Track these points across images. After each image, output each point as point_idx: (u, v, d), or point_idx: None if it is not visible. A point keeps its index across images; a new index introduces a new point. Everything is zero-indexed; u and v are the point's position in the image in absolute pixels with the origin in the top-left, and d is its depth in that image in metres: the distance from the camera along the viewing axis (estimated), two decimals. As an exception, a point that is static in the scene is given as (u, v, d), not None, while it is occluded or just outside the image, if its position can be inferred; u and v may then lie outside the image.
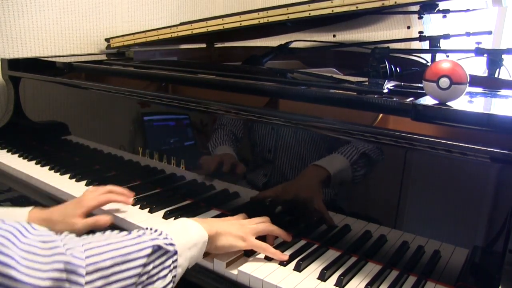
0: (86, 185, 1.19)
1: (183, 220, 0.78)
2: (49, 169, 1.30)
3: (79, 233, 0.87)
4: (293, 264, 0.81)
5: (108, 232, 0.68)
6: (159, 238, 0.68)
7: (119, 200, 1.00)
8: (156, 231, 0.70)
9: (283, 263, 0.81)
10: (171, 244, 0.69)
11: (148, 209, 1.03)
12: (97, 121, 1.40)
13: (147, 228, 0.71)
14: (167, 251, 0.67)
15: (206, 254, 0.81)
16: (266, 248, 0.83)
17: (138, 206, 1.05)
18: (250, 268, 0.80)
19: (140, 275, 0.63)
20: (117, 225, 1.01)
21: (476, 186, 0.73)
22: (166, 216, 1.00)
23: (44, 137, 1.56)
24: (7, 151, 1.46)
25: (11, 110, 1.59)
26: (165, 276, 0.67)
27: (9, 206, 1.39)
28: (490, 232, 0.72)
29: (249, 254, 0.85)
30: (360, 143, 0.83)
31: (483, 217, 0.73)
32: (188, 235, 0.74)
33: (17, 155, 1.42)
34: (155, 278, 0.65)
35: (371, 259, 0.84)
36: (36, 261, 0.54)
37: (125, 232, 0.67)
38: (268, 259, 0.83)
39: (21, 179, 1.30)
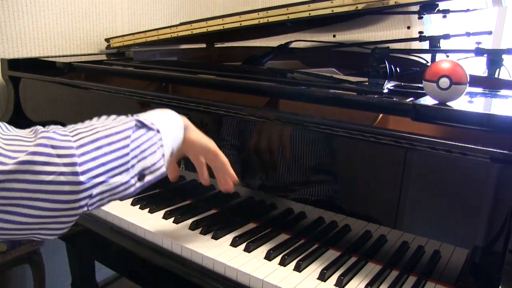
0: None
1: (157, 109, 0.78)
2: (49, 169, 1.30)
3: None
4: (293, 264, 0.81)
5: (88, 120, 0.67)
6: (139, 118, 0.68)
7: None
8: (132, 116, 0.70)
9: (283, 263, 0.81)
10: (152, 124, 0.69)
11: (148, 209, 1.03)
12: (97, 121, 1.40)
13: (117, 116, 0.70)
14: (151, 128, 0.68)
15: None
16: (227, 162, 0.86)
17: (138, 206, 1.05)
18: (250, 268, 0.80)
19: (131, 148, 0.64)
20: (117, 225, 1.01)
21: (476, 186, 0.73)
22: (166, 216, 1.00)
23: (44, 137, 1.56)
24: (7, 151, 1.46)
25: (11, 110, 1.59)
26: (155, 152, 0.68)
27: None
28: (490, 232, 0.72)
29: (250, 250, 0.85)
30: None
31: (483, 217, 0.73)
32: (163, 117, 0.75)
33: (17, 155, 1.42)
34: (147, 153, 0.66)
35: (371, 259, 0.84)
36: (20, 145, 0.54)
37: (101, 117, 0.68)
38: (267, 259, 0.83)
39: (21, 179, 1.29)
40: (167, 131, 0.73)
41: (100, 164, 0.59)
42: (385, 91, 0.92)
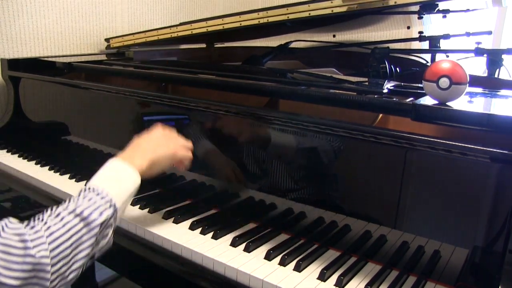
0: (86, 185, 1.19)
1: (120, 168, 0.82)
2: (49, 169, 1.30)
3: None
4: (293, 264, 0.81)
5: (61, 210, 0.71)
6: (104, 206, 0.73)
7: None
8: (98, 194, 0.74)
9: (283, 263, 0.81)
10: (113, 206, 0.75)
11: (148, 209, 1.03)
12: (97, 121, 1.40)
13: (89, 190, 0.75)
14: (111, 217, 0.74)
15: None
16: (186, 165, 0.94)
17: (138, 206, 1.05)
18: (250, 268, 0.80)
19: (92, 247, 0.72)
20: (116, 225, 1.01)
21: (476, 186, 0.73)
22: (166, 216, 1.00)
23: (44, 137, 1.56)
24: (7, 151, 1.46)
25: (11, 110, 1.59)
26: (108, 234, 0.75)
27: (9, 206, 1.39)
28: (490, 232, 0.72)
29: (250, 250, 0.85)
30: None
31: (483, 217, 0.73)
32: (125, 188, 0.79)
33: (17, 155, 1.42)
34: (101, 239, 0.74)
35: (371, 259, 0.84)
36: (11, 260, 0.62)
37: (75, 209, 0.71)
38: (267, 259, 0.83)
39: (21, 179, 1.30)
40: (123, 205, 0.78)
41: (68, 277, 0.69)
42: (385, 91, 0.92)
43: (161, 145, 0.89)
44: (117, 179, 0.79)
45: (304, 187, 0.94)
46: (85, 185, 0.77)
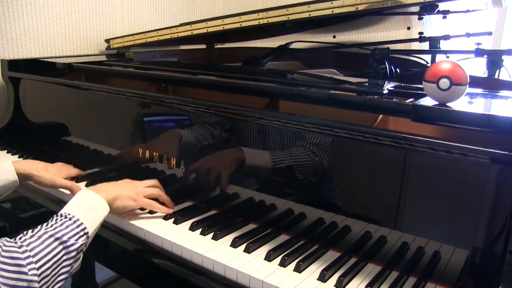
0: (86, 185, 1.19)
1: (91, 197, 0.90)
2: (49, 170, 1.29)
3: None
4: (293, 265, 0.81)
5: (42, 233, 0.77)
6: (79, 233, 0.81)
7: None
8: (75, 222, 0.82)
9: (284, 264, 0.81)
10: (86, 233, 0.82)
11: (148, 211, 1.03)
12: (97, 122, 1.40)
13: (67, 217, 0.82)
14: (85, 243, 0.82)
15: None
16: (153, 205, 1.00)
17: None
18: (250, 269, 0.80)
19: (70, 270, 0.79)
20: (117, 227, 1.01)
21: (476, 187, 0.73)
22: (166, 217, 1.00)
23: (44, 138, 1.56)
24: (7, 152, 1.46)
25: (11, 111, 1.59)
26: (79, 258, 0.82)
27: (10, 207, 1.39)
28: (490, 233, 0.72)
29: (250, 250, 0.85)
30: (300, 154, 0.90)
31: (483, 218, 0.73)
32: (96, 215, 0.88)
33: (17, 156, 1.42)
34: (77, 262, 0.81)
35: (371, 260, 0.84)
36: (5, 276, 0.69)
37: (57, 233, 0.78)
38: (267, 259, 0.83)
39: (21, 180, 1.29)
40: (94, 230, 0.85)
41: None
42: (385, 92, 0.92)
43: (124, 187, 0.99)
44: (89, 208, 0.87)
45: (304, 187, 0.94)
46: (59, 212, 0.84)
